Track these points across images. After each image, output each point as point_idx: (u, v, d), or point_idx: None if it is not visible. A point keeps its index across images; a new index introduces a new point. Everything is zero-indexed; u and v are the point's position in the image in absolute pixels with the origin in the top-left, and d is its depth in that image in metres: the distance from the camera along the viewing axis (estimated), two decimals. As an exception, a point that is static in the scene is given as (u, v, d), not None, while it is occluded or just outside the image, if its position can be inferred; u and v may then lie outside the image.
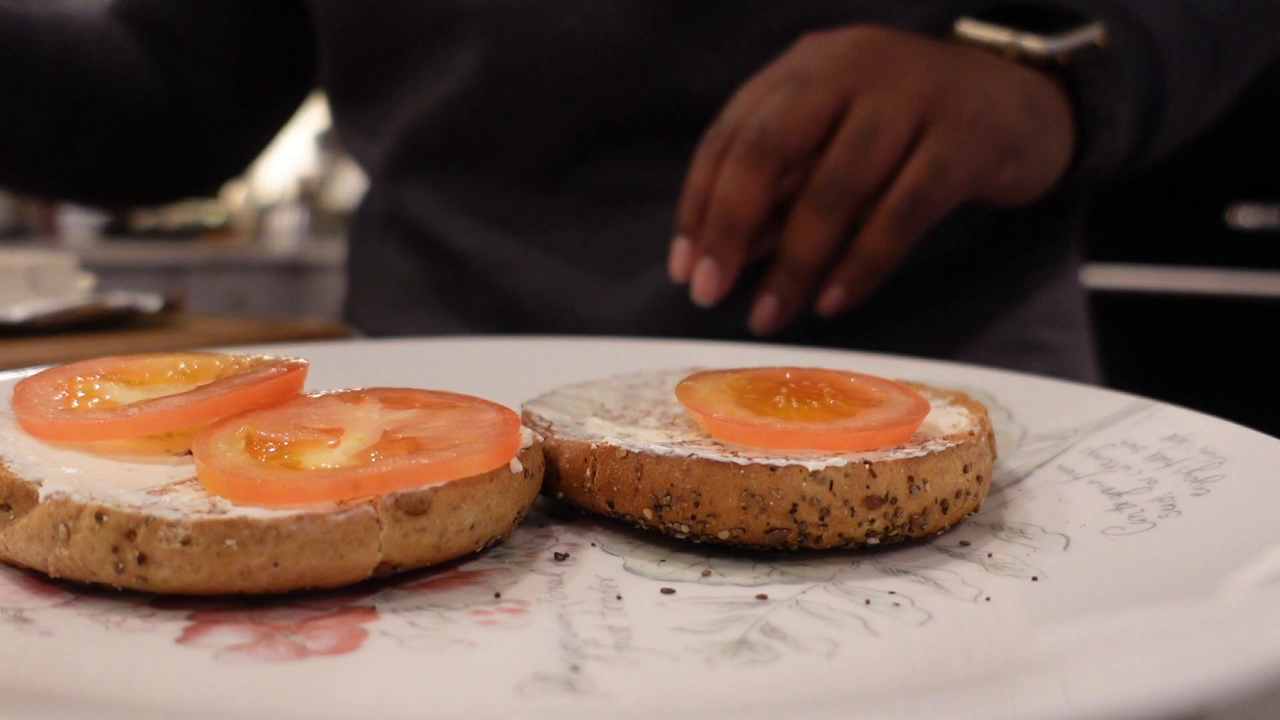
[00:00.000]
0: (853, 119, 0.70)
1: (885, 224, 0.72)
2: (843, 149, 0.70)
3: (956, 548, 0.43)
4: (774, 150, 0.70)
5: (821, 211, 0.71)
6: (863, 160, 0.70)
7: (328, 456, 0.40)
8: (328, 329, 0.92)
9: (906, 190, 0.71)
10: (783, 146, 0.70)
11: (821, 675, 0.32)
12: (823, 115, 0.70)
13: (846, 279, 0.74)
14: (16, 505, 0.38)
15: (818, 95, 0.70)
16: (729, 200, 0.71)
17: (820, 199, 0.71)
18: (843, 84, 0.71)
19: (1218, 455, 0.47)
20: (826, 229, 0.71)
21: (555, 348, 0.73)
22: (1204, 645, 0.30)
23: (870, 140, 0.70)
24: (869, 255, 0.73)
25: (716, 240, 0.72)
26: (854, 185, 0.70)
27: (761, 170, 0.70)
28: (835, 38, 0.75)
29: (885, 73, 0.72)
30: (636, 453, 0.43)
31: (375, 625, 0.35)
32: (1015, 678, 0.31)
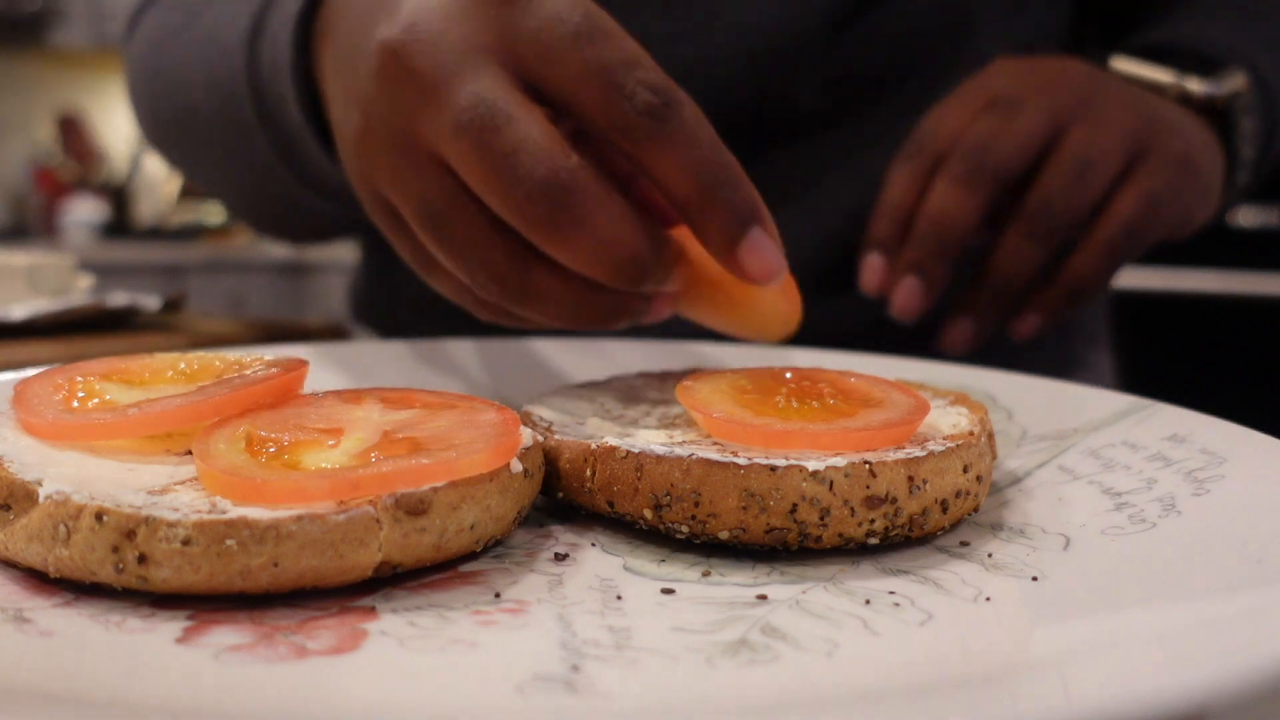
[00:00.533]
0: (1068, 147, 0.71)
1: (1098, 253, 0.72)
2: (1060, 176, 0.70)
3: (956, 548, 0.43)
4: (993, 172, 0.70)
5: (1036, 237, 0.71)
6: (1080, 188, 0.70)
7: (328, 456, 0.40)
8: (328, 329, 0.92)
9: (1122, 221, 0.71)
10: (1002, 170, 0.70)
11: (821, 675, 0.32)
12: (1037, 140, 0.71)
13: (1048, 305, 0.74)
14: (16, 505, 0.38)
15: (1032, 120, 0.71)
16: (944, 218, 0.71)
17: (1036, 225, 0.71)
18: (1055, 111, 0.71)
19: (1218, 455, 0.47)
20: (1038, 254, 0.71)
21: (555, 348, 0.73)
22: (1204, 645, 0.30)
23: (1086, 170, 0.70)
24: (1076, 283, 0.73)
25: (926, 257, 0.72)
26: (1069, 213, 0.71)
27: (980, 191, 0.70)
28: (1038, 65, 0.76)
29: (1095, 104, 0.72)
30: (636, 453, 0.43)
31: (375, 625, 0.35)
32: (1015, 678, 0.31)
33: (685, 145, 0.46)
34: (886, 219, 0.75)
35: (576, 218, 0.45)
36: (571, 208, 0.45)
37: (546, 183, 0.44)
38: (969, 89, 0.76)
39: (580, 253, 0.46)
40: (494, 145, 0.45)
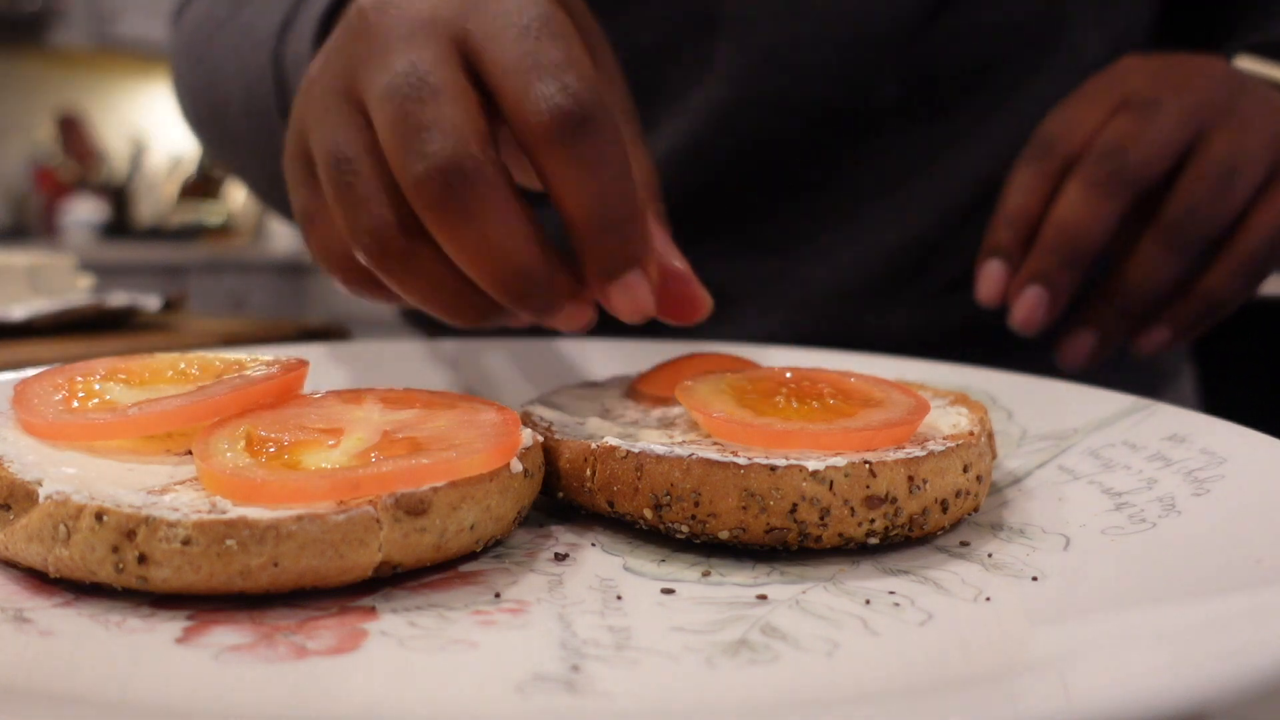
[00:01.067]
0: (1211, 154, 0.66)
1: (1237, 266, 0.68)
2: (1202, 182, 0.66)
3: (956, 548, 0.43)
4: (1133, 179, 0.66)
5: (1174, 248, 0.67)
6: (1223, 198, 0.66)
7: (328, 456, 0.40)
8: (328, 329, 0.92)
9: (1266, 232, 0.67)
10: (1142, 176, 0.66)
11: (821, 675, 0.32)
12: (1178, 145, 0.67)
13: (1181, 320, 0.70)
14: (16, 505, 0.38)
15: (1172, 124, 0.67)
16: (1077, 225, 0.67)
17: (1175, 235, 0.66)
18: (1196, 114, 0.67)
19: (1218, 455, 0.47)
20: (1175, 266, 0.67)
21: (555, 348, 0.73)
22: (1204, 645, 0.30)
23: (1231, 178, 0.66)
24: (1213, 297, 0.69)
25: (1055, 267, 0.67)
26: (1212, 223, 0.66)
27: (1117, 197, 0.66)
28: (1174, 63, 0.71)
29: (1237, 109, 0.68)
30: (636, 453, 0.43)
31: (375, 625, 0.35)
32: (1015, 678, 0.31)
33: (588, 166, 0.44)
34: (1010, 225, 0.70)
35: (467, 209, 0.44)
36: (464, 197, 0.43)
37: (447, 165, 0.43)
38: (1098, 87, 0.71)
39: (464, 247, 0.44)
40: (412, 115, 0.44)
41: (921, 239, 0.87)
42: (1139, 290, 0.68)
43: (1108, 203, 0.66)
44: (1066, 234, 0.67)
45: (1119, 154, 0.66)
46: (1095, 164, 0.66)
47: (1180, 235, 0.66)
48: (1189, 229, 0.66)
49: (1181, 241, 0.67)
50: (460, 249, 0.45)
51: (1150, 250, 0.67)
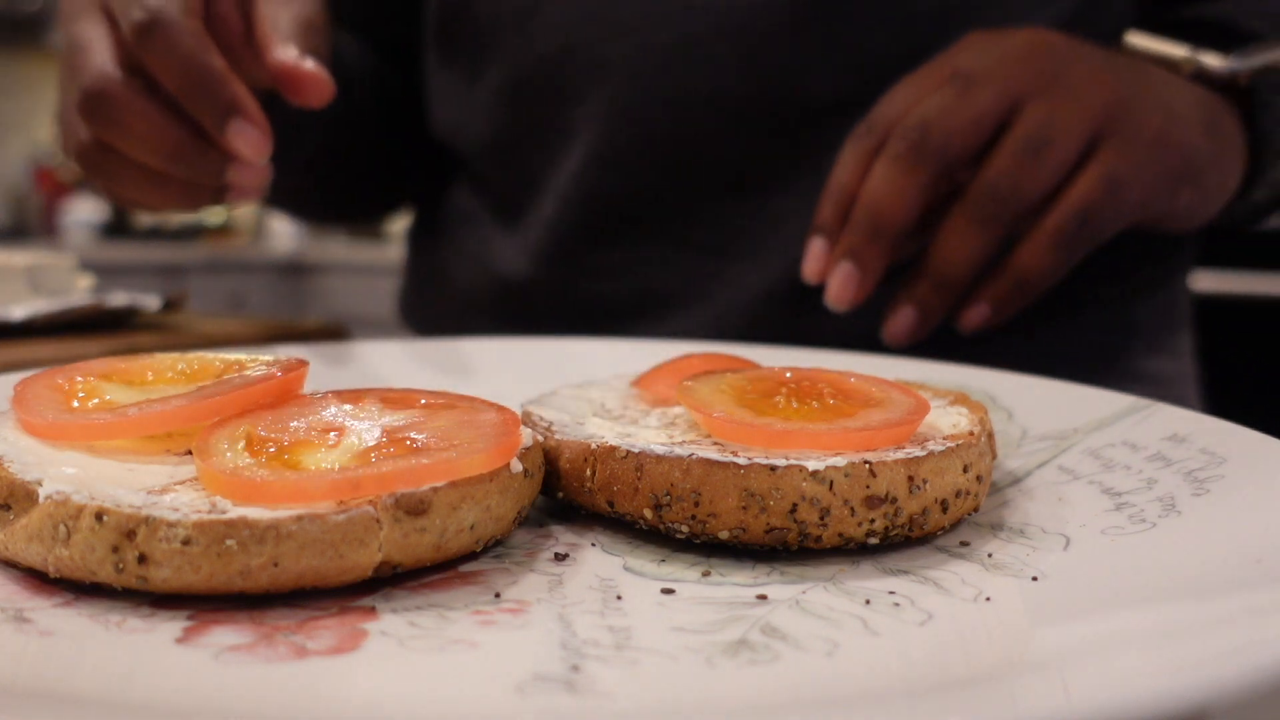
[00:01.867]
0: (1022, 125, 0.65)
1: (1047, 242, 0.66)
2: (1009, 157, 0.65)
3: (956, 548, 0.43)
4: (935, 152, 0.65)
5: (979, 222, 0.65)
6: (1030, 171, 0.65)
7: (328, 456, 0.40)
8: (328, 329, 0.92)
9: (1075, 207, 0.65)
10: (945, 149, 0.65)
11: (821, 675, 0.32)
12: (989, 119, 0.65)
13: (995, 296, 0.69)
14: (16, 505, 0.38)
15: (986, 97, 0.65)
16: (879, 201, 0.66)
17: (980, 209, 0.65)
18: (1013, 87, 0.66)
19: (1218, 455, 0.47)
20: (982, 241, 0.66)
21: (555, 348, 0.73)
22: (1204, 645, 0.30)
23: (1040, 150, 0.65)
24: (1024, 273, 0.67)
25: (860, 243, 0.67)
26: (1018, 197, 0.65)
27: (918, 172, 0.65)
28: (1006, 37, 0.69)
29: (1061, 80, 0.66)
30: (636, 453, 0.43)
31: (375, 625, 0.35)
32: (1015, 678, 0.31)
33: (166, 56, 0.62)
34: (830, 202, 0.70)
35: (112, 118, 0.64)
36: (108, 110, 0.64)
37: (91, 90, 0.64)
38: (933, 64, 0.70)
39: (125, 143, 0.65)
40: (74, 63, 0.65)
41: None
42: (949, 266, 0.67)
43: (909, 178, 0.65)
44: (871, 209, 0.67)
45: (921, 128, 0.65)
46: (898, 139, 0.66)
47: (983, 209, 0.65)
48: (992, 203, 0.65)
49: (985, 215, 0.65)
50: (124, 145, 0.65)
51: (957, 224, 0.67)
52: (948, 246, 0.67)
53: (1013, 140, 0.65)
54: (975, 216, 0.66)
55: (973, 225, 0.66)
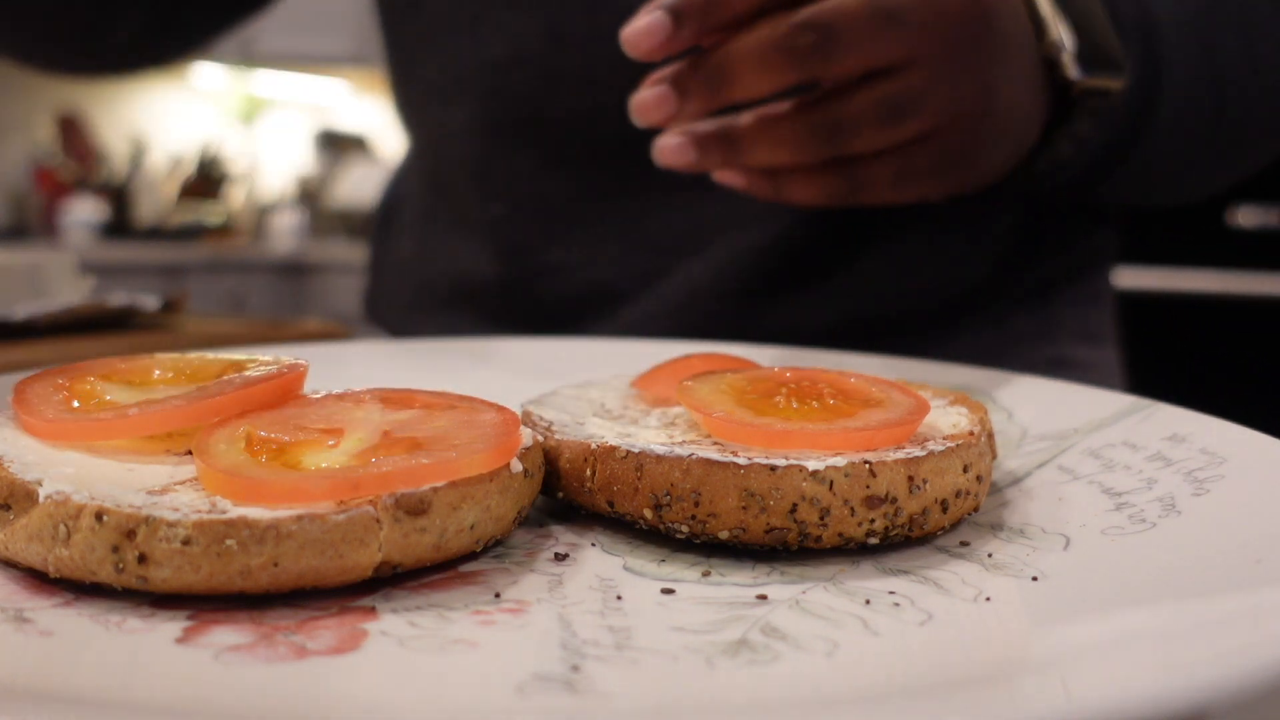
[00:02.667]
0: (901, 85, 0.60)
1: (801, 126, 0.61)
2: (870, 105, 0.60)
3: (956, 548, 0.43)
4: (817, 64, 0.58)
5: (805, 136, 0.61)
6: (881, 129, 0.61)
7: (328, 456, 0.40)
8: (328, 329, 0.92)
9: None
10: (827, 67, 0.59)
11: (821, 675, 0.32)
12: (882, 63, 0.60)
13: (704, 140, 0.63)
14: (16, 505, 0.38)
15: (896, 42, 0.59)
16: (738, 60, 0.59)
17: (815, 130, 0.61)
18: (921, 46, 0.60)
19: (1218, 455, 0.47)
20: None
21: (555, 348, 0.73)
22: (1204, 645, 0.30)
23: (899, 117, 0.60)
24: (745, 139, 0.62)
25: (691, 75, 0.61)
26: (854, 141, 0.61)
27: (790, 69, 0.58)
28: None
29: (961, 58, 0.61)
30: (636, 453, 0.43)
31: (375, 625, 0.35)
32: (1015, 678, 0.31)
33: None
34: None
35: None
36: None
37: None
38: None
39: None
40: None
41: (793, 237, 0.88)
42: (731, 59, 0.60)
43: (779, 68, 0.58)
44: (726, 61, 0.59)
45: (824, 32, 0.58)
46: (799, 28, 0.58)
47: (817, 131, 0.61)
48: (826, 131, 0.61)
49: (815, 136, 0.61)
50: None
51: (784, 124, 0.61)
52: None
53: (883, 94, 0.60)
54: (804, 132, 0.61)
55: (799, 135, 0.61)
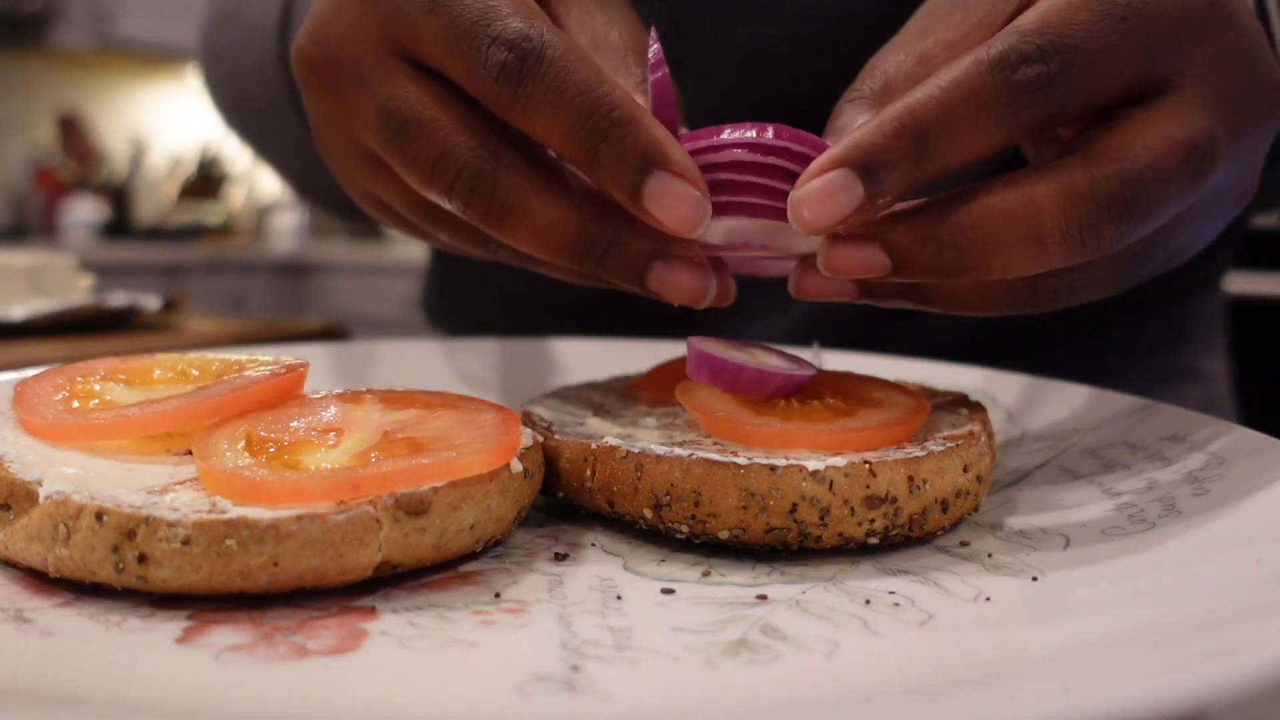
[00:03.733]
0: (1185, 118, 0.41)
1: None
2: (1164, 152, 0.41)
3: (956, 548, 0.43)
4: (1063, 86, 0.40)
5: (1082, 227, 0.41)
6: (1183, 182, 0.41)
7: (328, 456, 0.40)
8: (328, 329, 0.92)
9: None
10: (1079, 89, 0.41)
11: (821, 675, 0.32)
12: (1133, 71, 0.41)
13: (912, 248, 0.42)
14: (16, 505, 0.38)
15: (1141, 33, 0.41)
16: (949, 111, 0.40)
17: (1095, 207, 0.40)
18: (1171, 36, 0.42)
19: (1218, 455, 0.47)
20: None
21: (555, 348, 0.73)
22: (1204, 645, 0.30)
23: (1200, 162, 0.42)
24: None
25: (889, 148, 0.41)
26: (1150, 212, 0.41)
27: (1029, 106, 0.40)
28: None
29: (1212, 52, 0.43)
30: (636, 453, 0.43)
31: (375, 625, 0.35)
32: (1015, 678, 0.31)
33: (550, 101, 0.41)
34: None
35: (508, 212, 0.43)
36: (500, 204, 0.43)
37: (472, 189, 0.43)
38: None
39: (524, 242, 0.44)
40: (414, 157, 0.44)
41: None
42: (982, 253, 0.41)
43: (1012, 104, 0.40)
44: (929, 116, 0.41)
45: (1054, 47, 0.40)
46: (1019, 45, 0.40)
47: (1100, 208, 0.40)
48: (1120, 205, 0.41)
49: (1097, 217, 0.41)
50: (521, 243, 0.44)
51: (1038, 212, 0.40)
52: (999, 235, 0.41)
53: (1169, 135, 0.41)
54: (1088, 217, 0.40)
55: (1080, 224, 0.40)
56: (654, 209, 0.42)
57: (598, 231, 0.44)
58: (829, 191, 0.40)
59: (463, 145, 0.43)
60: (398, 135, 0.44)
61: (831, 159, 0.41)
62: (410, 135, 0.44)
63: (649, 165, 0.41)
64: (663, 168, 0.41)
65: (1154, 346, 0.90)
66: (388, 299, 3.95)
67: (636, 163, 0.41)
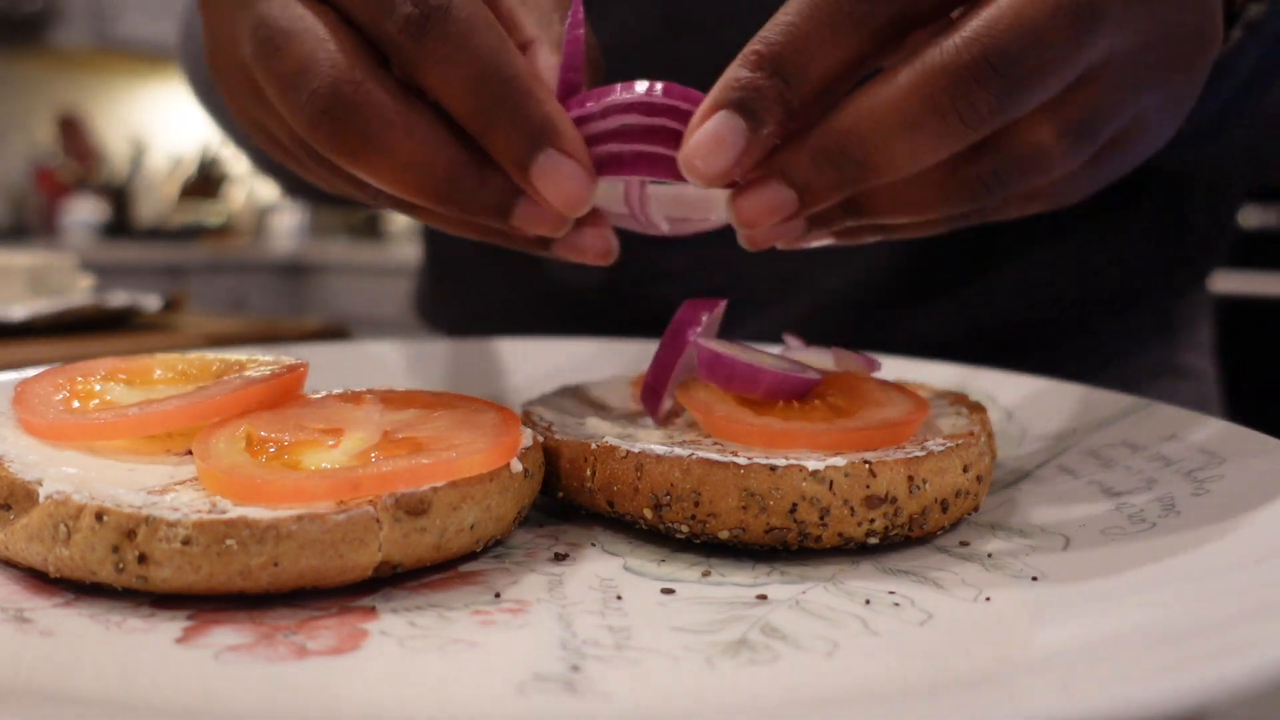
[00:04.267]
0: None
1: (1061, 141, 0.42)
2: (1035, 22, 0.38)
3: (956, 548, 0.43)
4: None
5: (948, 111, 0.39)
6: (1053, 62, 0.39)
7: (328, 456, 0.40)
8: (328, 329, 0.92)
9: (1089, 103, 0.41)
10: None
11: (821, 675, 0.32)
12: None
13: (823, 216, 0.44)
14: (16, 505, 0.38)
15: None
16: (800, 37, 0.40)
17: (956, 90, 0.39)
18: None
19: (1218, 455, 0.47)
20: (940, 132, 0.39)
21: (555, 348, 0.73)
22: (1204, 645, 0.30)
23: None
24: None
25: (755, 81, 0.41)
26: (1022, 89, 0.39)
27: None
28: None
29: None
30: (636, 453, 0.43)
31: (375, 625, 0.35)
32: (1015, 678, 0.31)
33: (450, 60, 0.40)
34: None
35: (366, 138, 0.41)
36: (358, 128, 0.41)
37: (328, 104, 0.41)
38: None
39: (379, 174, 0.42)
40: (273, 70, 0.42)
41: (924, 248, 0.85)
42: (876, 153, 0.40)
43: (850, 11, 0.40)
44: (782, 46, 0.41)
45: None
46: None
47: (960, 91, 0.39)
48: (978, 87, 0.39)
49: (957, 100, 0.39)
50: (376, 176, 0.42)
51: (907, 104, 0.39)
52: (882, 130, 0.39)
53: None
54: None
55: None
56: (540, 185, 0.42)
57: (463, 173, 0.42)
58: (714, 136, 0.40)
59: (323, 62, 0.41)
60: (263, 45, 0.42)
61: (706, 107, 0.41)
62: (274, 46, 0.42)
63: (540, 140, 0.41)
64: (553, 145, 0.41)
65: (1143, 343, 0.91)
66: (388, 299, 3.95)
67: (528, 136, 0.41)
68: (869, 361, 0.51)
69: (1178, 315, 0.93)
